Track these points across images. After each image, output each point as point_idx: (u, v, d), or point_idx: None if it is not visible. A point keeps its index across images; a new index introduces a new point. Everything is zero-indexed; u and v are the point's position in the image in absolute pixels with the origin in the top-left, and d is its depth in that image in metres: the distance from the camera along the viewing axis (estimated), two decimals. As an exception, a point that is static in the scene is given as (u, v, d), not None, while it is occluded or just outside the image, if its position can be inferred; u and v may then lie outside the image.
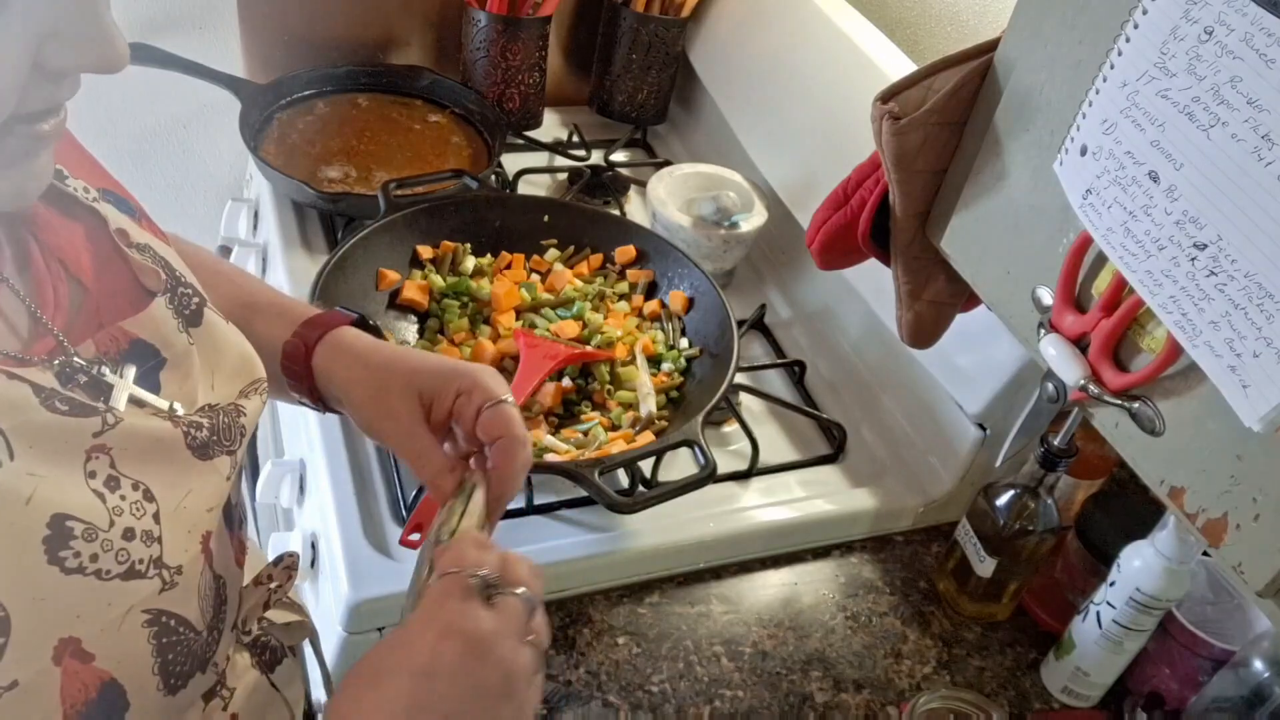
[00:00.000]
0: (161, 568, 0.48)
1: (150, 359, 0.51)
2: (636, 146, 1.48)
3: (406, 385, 0.64)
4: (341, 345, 0.67)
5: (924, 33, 1.18)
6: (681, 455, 0.94)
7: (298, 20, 1.33)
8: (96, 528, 0.44)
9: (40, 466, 0.43)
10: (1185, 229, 0.52)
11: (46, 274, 0.48)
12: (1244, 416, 0.50)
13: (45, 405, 0.43)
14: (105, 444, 0.46)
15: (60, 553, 0.43)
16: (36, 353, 0.46)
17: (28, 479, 0.42)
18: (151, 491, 0.48)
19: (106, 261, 0.52)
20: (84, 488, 0.45)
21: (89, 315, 0.50)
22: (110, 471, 0.46)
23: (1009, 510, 0.87)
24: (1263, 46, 0.47)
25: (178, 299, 0.54)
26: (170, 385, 0.52)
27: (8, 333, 0.46)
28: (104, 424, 0.46)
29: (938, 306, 0.80)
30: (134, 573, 0.46)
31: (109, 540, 0.45)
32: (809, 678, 0.86)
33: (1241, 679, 0.78)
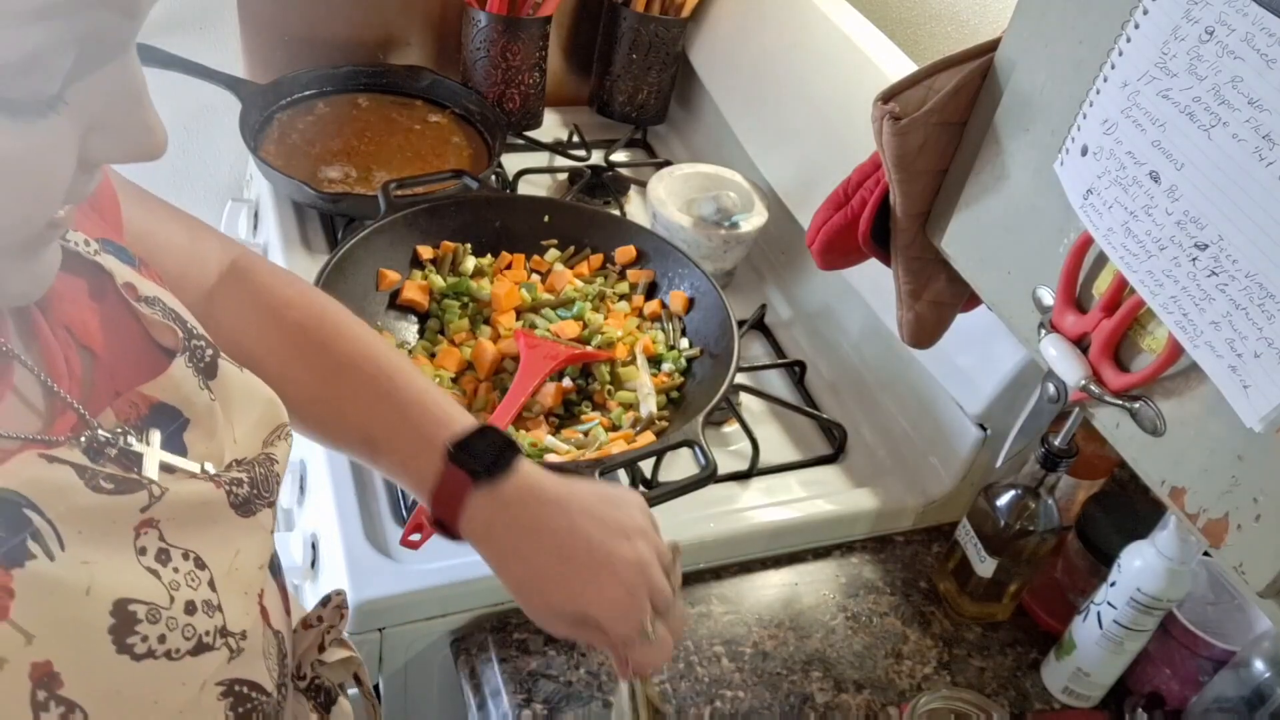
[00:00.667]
0: (227, 636, 0.46)
1: (173, 421, 0.48)
2: (637, 147, 1.48)
3: (554, 613, 0.60)
4: (477, 533, 0.61)
5: (924, 33, 1.18)
6: (682, 455, 0.94)
7: (298, 20, 1.33)
8: (159, 607, 0.43)
9: (92, 552, 0.41)
10: (1186, 229, 0.52)
11: (55, 344, 0.46)
12: (1244, 417, 0.50)
13: (90, 486, 0.41)
14: (153, 517, 0.44)
15: (128, 640, 0.41)
16: (59, 429, 0.43)
17: (83, 568, 0.40)
18: (202, 558, 0.46)
19: (116, 322, 0.49)
20: (138, 567, 0.43)
21: (103, 383, 0.47)
22: (160, 545, 0.44)
23: (1010, 510, 0.87)
24: (1264, 46, 0.47)
25: (193, 354, 0.51)
26: (197, 445, 0.49)
27: (26, 411, 0.44)
28: (150, 497, 0.44)
29: (938, 307, 0.80)
30: (202, 646, 0.44)
31: (173, 618, 0.43)
32: (809, 678, 0.86)
33: (1242, 679, 0.78)
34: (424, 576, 0.84)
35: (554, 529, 0.60)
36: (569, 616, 0.60)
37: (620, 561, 0.60)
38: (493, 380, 0.97)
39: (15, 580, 0.38)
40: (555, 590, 0.60)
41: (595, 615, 0.59)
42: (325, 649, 0.63)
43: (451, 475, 0.61)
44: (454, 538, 0.62)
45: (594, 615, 0.59)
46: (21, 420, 0.43)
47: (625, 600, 0.59)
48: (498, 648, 0.84)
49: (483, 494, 0.60)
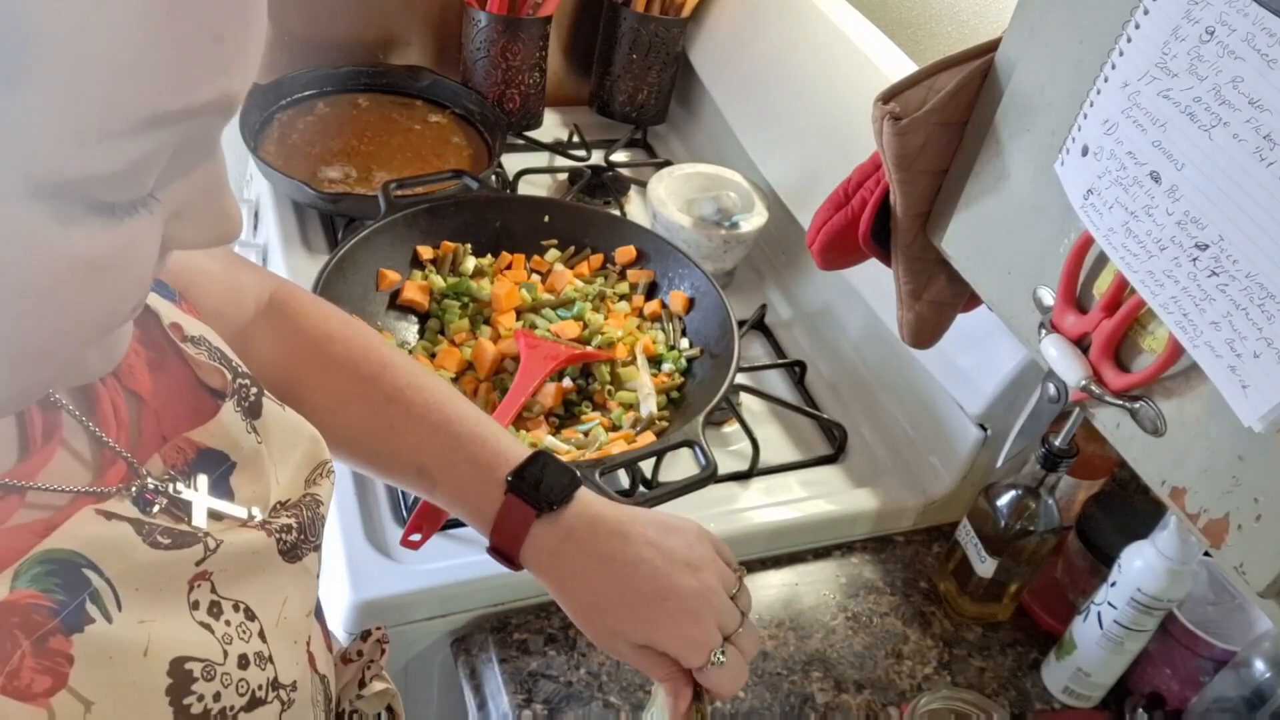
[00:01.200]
0: (279, 688, 0.45)
1: (219, 465, 0.47)
2: (637, 147, 1.48)
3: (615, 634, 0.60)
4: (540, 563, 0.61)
5: (924, 33, 1.18)
6: (682, 455, 0.94)
7: (298, 20, 1.33)
8: (214, 663, 0.42)
9: (148, 610, 0.40)
10: (1187, 229, 0.52)
11: (104, 392, 0.45)
12: (1244, 417, 0.50)
13: (148, 542, 0.41)
14: (207, 570, 0.43)
15: (184, 700, 0.40)
16: (111, 478, 0.43)
17: (140, 628, 0.39)
18: (252, 609, 0.45)
19: (163, 365, 0.48)
20: (191, 622, 0.42)
21: (151, 429, 0.46)
22: (212, 597, 0.43)
23: (1010, 510, 0.87)
24: (1264, 47, 0.47)
25: (239, 395, 0.50)
26: (244, 489, 0.48)
27: (75, 463, 0.43)
28: (205, 550, 0.43)
29: (939, 307, 0.80)
30: (256, 701, 0.44)
31: (227, 674, 0.42)
32: (810, 678, 0.86)
33: (1242, 679, 0.78)
34: (424, 576, 0.84)
35: (619, 560, 0.60)
36: (635, 644, 0.60)
37: (687, 593, 0.60)
38: (493, 380, 0.97)
39: (75, 646, 0.37)
40: (622, 620, 0.60)
41: (664, 647, 0.59)
42: (366, 684, 0.62)
43: (513, 508, 0.61)
44: (514, 567, 0.62)
45: (662, 646, 0.59)
46: (71, 472, 0.42)
47: (693, 631, 0.59)
48: (498, 648, 0.84)
49: (546, 524, 0.60)
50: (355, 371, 0.65)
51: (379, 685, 0.64)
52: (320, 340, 0.67)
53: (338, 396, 0.65)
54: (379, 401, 0.64)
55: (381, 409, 0.64)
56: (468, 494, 0.62)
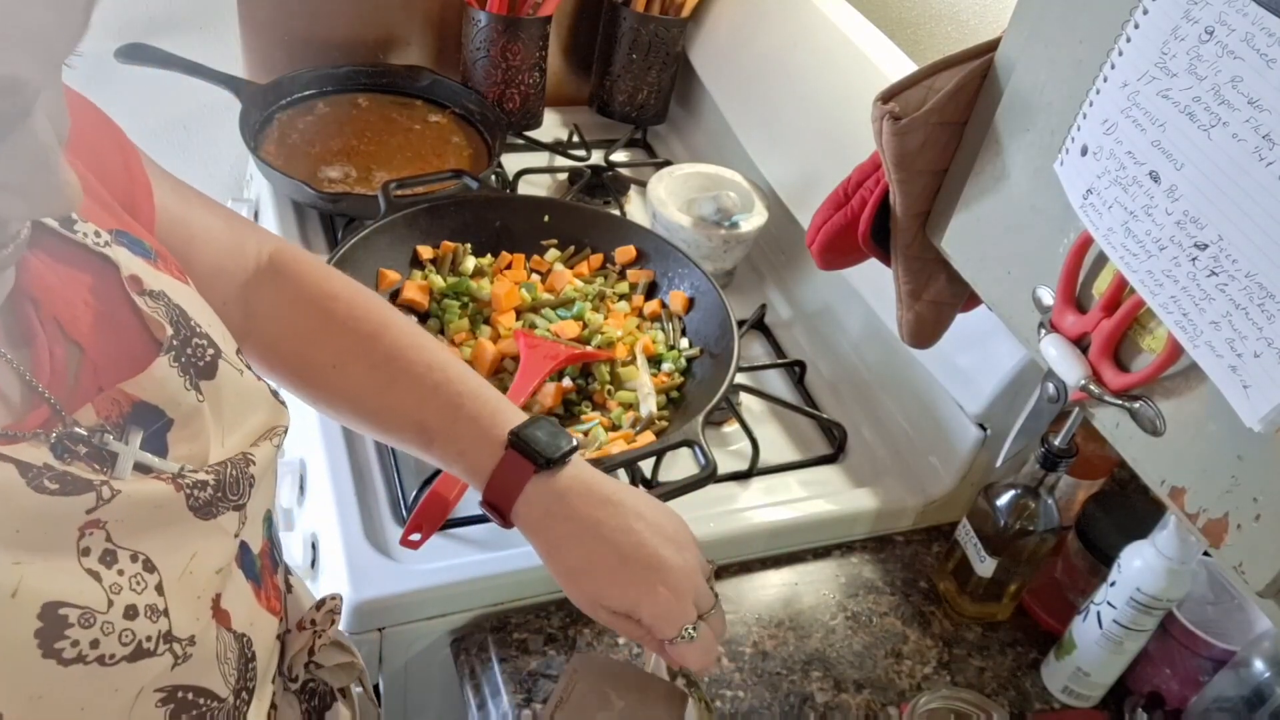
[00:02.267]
0: (172, 641, 0.45)
1: (155, 420, 0.48)
2: (637, 146, 1.48)
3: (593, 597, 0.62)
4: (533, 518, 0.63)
5: (924, 33, 1.18)
6: (682, 455, 0.94)
7: (298, 20, 1.33)
8: (94, 611, 0.42)
9: (26, 553, 0.40)
10: (1186, 229, 0.52)
11: (42, 336, 0.45)
12: (1244, 417, 0.50)
13: (33, 486, 0.40)
14: (99, 518, 0.43)
15: (56, 644, 0.40)
16: (30, 423, 0.43)
17: (12, 569, 0.39)
18: (152, 561, 0.45)
19: (111, 316, 0.49)
20: (77, 569, 0.42)
21: (88, 379, 0.47)
22: (106, 545, 0.43)
23: (1009, 510, 0.87)
24: (1264, 46, 0.47)
25: (188, 352, 0.50)
26: (179, 446, 0.48)
27: None
28: (99, 499, 0.43)
29: (938, 306, 0.80)
30: (142, 652, 0.43)
31: (109, 622, 0.42)
32: (809, 678, 0.86)
33: (1242, 679, 0.78)
34: (424, 576, 0.84)
35: (608, 526, 0.62)
36: (614, 609, 0.62)
37: (671, 566, 0.62)
38: (493, 380, 0.97)
39: None
40: (607, 585, 0.62)
41: (643, 615, 0.61)
42: (315, 652, 0.63)
43: (512, 462, 0.63)
44: (505, 524, 0.64)
45: (641, 614, 0.61)
46: None
47: (673, 604, 0.61)
48: (498, 648, 0.84)
49: (541, 482, 0.62)
50: (357, 330, 0.67)
51: (340, 656, 0.64)
52: (322, 299, 0.68)
53: (339, 354, 0.66)
54: (380, 359, 0.66)
55: (382, 366, 0.66)
56: (466, 450, 0.64)
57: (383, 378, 0.66)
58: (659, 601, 0.61)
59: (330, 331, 0.67)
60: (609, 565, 0.62)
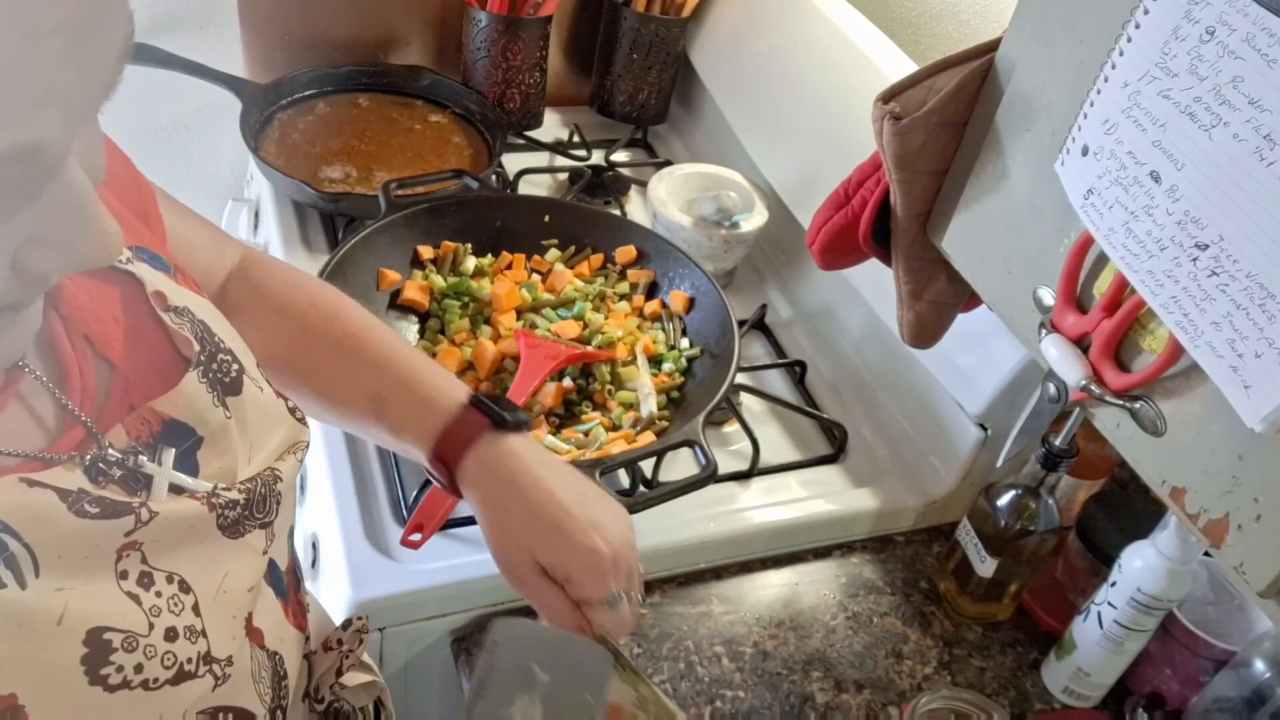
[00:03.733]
0: (212, 663, 0.45)
1: (186, 439, 0.47)
2: (637, 146, 1.48)
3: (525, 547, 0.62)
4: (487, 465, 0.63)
5: (925, 33, 1.18)
6: (682, 455, 0.94)
7: (298, 20, 1.33)
8: (136, 635, 0.41)
9: (69, 578, 0.40)
10: (1187, 229, 0.52)
11: (73, 355, 0.45)
12: (1245, 417, 0.50)
13: (74, 511, 0.40)
14: (137, 540, 0.43)
15: (102, 670, 0.40)
16: (65, 444, 0.43)
17: (56, 595, 0.39)
18: (187, 581, 0.45)
19: (139, 333, 0.48)
20: (117, 592, 0.42)
21: (119, 396, 0.46)
22: (142, 568, 0.43)
23: (1010, 510, 0.87)
24: (1264, 46, 0.47)
25: (214, 368, 0.50)
26: (210, 464, 0.48)
27: (33, 425, 0.43)
28: (137, 521, 0.43)
29: (939, 307, 0.80)
30: (184, 675, 0.43)
31: (151, 646, 0.42)
32: (810, 678, 0.86)
33: (1242, 679, 0.78)
34: (424, 576, 0.84)
35: (557, 483, 0.63)
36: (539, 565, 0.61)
37: (609, 530, 0.62)
38: (493, 380, 0.97)
39: None
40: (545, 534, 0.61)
41: (573, 569, 0.60)
42: (343, 673, 0.62)
43: (470, 418, 0.64)
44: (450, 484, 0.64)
45: (572, 569, 0.60)
46: (25, 434, 0.42)
47: (605, 561, 0.61)
48: (498, 647, 0.84)
49: (494, 440, 0.63)
50: (316, 312, 0.69)
51: (363, 676, 0.64)
52: (282, 288, 0.70)
53: (296, 336, 0.68)
54: (337, 338, 0.68)
55: (338, 344, 0.68)
56: (416, 416, 0.65)
57: (336, 355, 0.68)
58: (595, 555, 0.60)
59: (290, 318, 0.69)
60: (551, 517, 0.61)
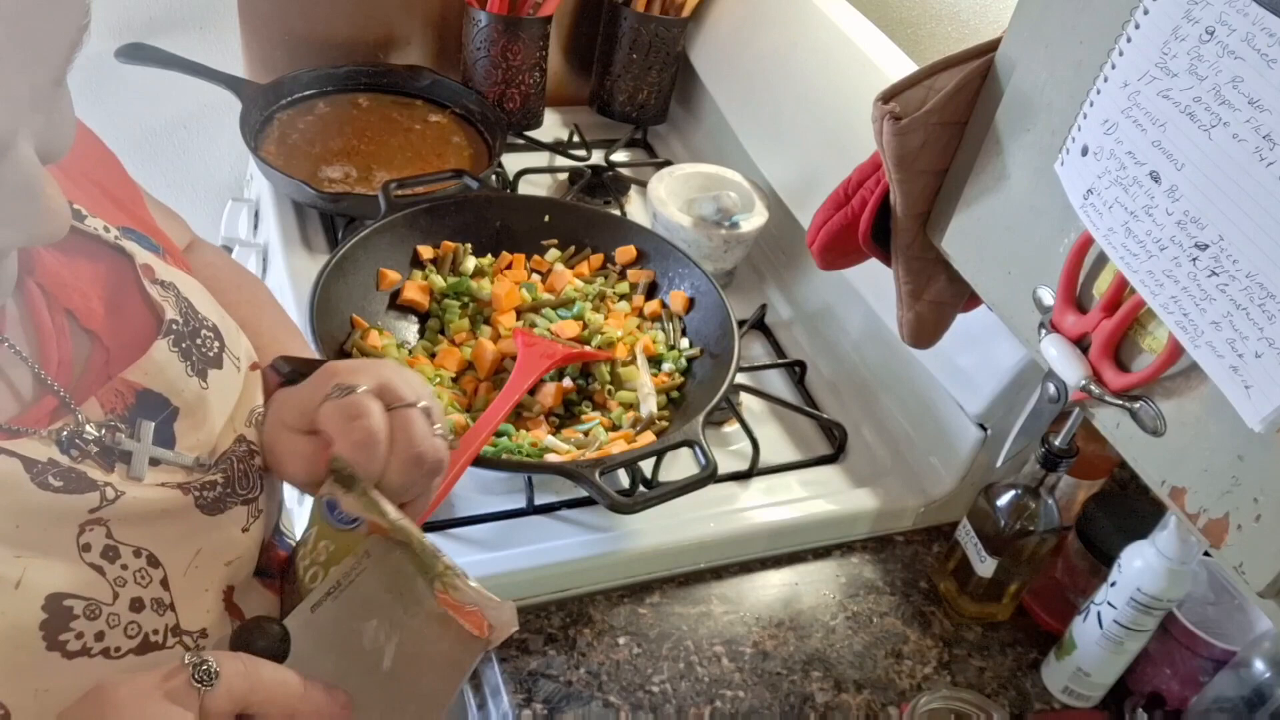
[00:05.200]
0: (181, 634, 0.45)
1: (161, 410, 0.47)
2: (637, 146, 1.48)
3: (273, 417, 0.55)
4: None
5: (924, 33, 1.18)
6: (682, 455, 0.94)
7: (298, 20, 1.33)
8: (99, 603, 0.42)
9: (26, 547, 0.40)
10: (1186, 229, 0.52)
11: (51, 329, 0.45)
12: (1246, 417, 0.50)
13: (37, 483, 0.41)
14: (101, 516, 0.43)
15: (60, 636, 0.40)
16: (37, 414, 0.43)
17: (14, 562, 0.39)
18: (155, 556, 0.45)
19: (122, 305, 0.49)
20: (79, 563, 0.42)
21: (97, 369, 0.47)
22: (107, 541, 0.43)
23: (1010, 510, 0.87)
24: (1264, 46, 0.47)
25: (197, 343, 0.50)
26: (187, 436, 0.48)
27: (8, 395, 0.43)
28: (102, 499, 0.43)
29: (939, 307, 0.80)
30: (150, 645, 0.44)
31: (115, 614, 0.42)
32: (810, 678, 0.86)
33: (1242, 679, 0.78)
34: (424, 576, 0.84)
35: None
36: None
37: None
38: (493, 380, 0.97)
39: None
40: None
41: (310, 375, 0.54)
42: None
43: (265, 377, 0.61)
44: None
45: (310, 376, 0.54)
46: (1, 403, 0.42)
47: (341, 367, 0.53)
48: (498, 647, 0.84)
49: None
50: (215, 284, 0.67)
51: None
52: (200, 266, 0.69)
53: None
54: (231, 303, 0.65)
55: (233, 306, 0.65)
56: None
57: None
58: (322, 373, 0.53)
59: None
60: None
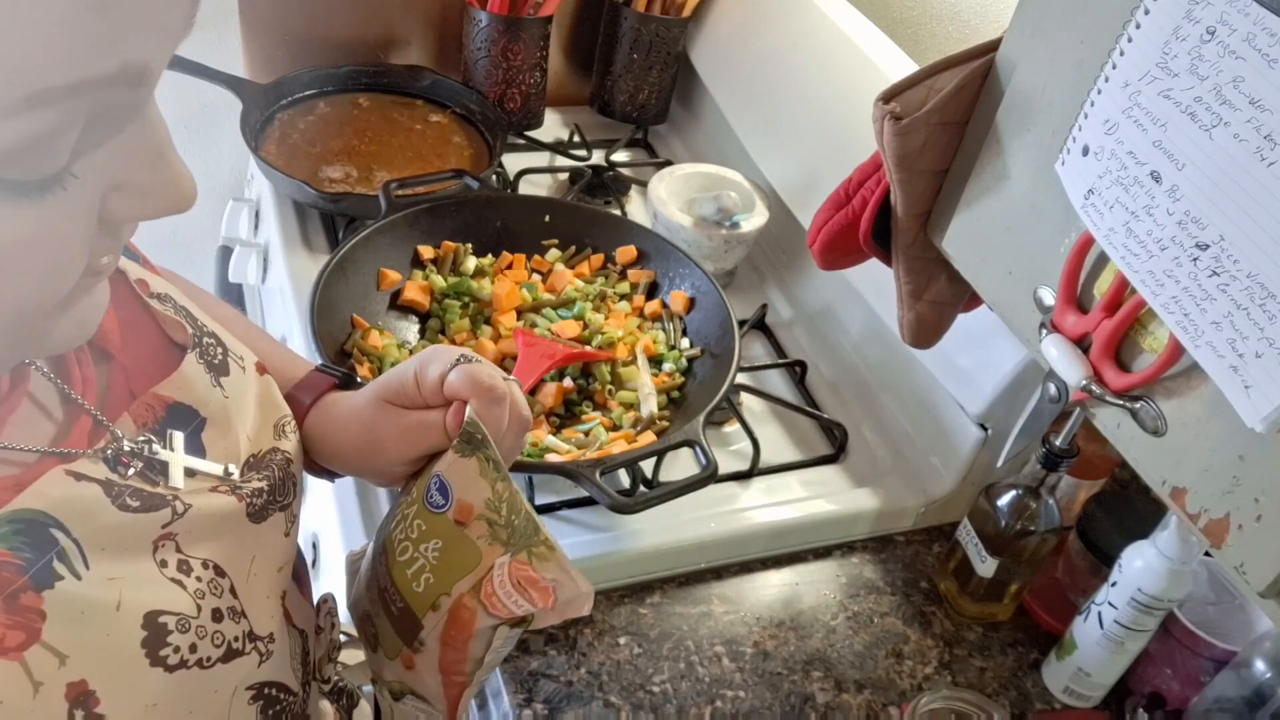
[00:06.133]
0: (255, 640, 0.47)
1: (190, 421, 0.48)
2: (637, 146, 1.48)
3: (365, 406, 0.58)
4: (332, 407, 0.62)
5: (925, 32, 1.18)
6: (683, 455, 0.94)
7: (299, 20, 1.33)
8: (188, 617, 0.43)
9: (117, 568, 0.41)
10: (1187, 229, 0.52)
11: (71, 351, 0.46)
12: (1246, 417, 0.50)
13: (117, 505, 0.41)
14: (172, 531, 0.44)
15: (160, 651, 0.41)
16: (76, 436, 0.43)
17: (110, 585, 0.40)
18: (220, 566, 0.46)
19: (131, 322, 0.49)
20: (161, 579, 0.43)
21: (120, 385, 0.47)
22: (179, 556, 0.44)
23: (1010, 510, 0.87)
24: (1265, 46, 0.47)
25: (205, 351, 0.52)
26: (214, 445, 0.49)
27: (42, 419, 0.43)
28: (174, 514, 0.44)
29: (939, 307, 0.80)
30: (233, 652, 0.45)
31: (202, 626, 0.43)
32: (810, 678, 0.86)
33: (1243, 679, 0.78)
34: (425, 576, 0.84)
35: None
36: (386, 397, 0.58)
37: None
38: (493, 380, 0.97)
39: (45, 602, 0.38)
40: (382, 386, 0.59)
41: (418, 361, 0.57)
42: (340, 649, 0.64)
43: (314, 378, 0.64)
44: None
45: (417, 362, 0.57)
46: (37, 429, 0.43)
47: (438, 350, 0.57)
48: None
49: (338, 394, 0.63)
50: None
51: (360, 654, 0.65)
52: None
53: None
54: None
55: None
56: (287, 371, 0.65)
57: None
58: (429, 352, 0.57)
59: None
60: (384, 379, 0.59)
